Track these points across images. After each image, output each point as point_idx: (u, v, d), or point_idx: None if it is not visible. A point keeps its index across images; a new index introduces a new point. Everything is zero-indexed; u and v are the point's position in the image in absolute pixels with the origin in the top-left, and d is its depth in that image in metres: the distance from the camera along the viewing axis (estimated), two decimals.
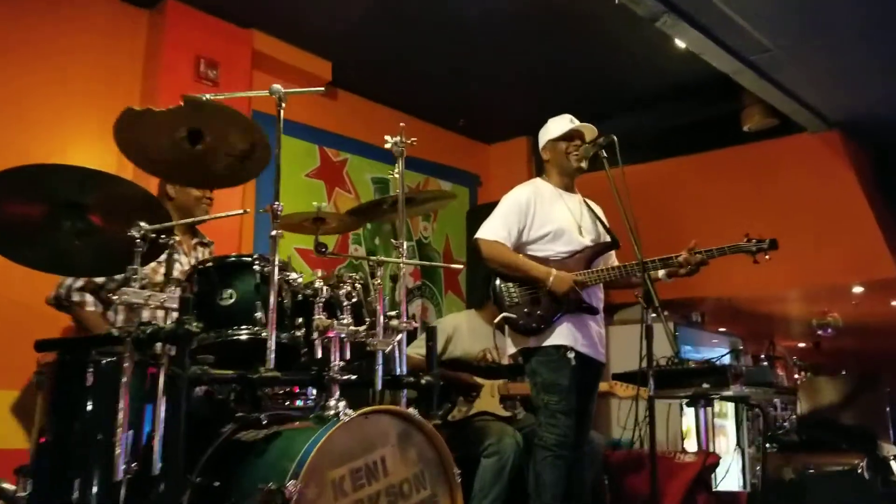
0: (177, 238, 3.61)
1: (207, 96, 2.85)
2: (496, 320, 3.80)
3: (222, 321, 2.78)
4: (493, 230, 3.79)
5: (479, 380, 4.45)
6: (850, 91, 4.89)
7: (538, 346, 3.66)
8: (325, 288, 2.88)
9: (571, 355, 3.63)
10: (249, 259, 2.91)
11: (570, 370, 3.59)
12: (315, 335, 2.79)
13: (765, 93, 4.81)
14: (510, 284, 3.77)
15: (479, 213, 6.54)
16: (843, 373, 7.24)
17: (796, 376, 10.65)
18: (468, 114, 6.53)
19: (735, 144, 5.78)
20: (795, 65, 4.41)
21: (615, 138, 3.70)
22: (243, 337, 2.75)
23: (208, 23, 4.90)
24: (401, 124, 3.21)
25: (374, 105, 6.13)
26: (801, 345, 10.94)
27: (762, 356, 9.74)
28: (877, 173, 5.79)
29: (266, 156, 2.99)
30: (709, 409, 5.13)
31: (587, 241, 3.83)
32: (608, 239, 3.90)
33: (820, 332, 8.38)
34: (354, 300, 2.94)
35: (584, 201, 4.00)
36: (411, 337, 4.14)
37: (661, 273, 3.68)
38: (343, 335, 2.80)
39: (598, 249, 3.84)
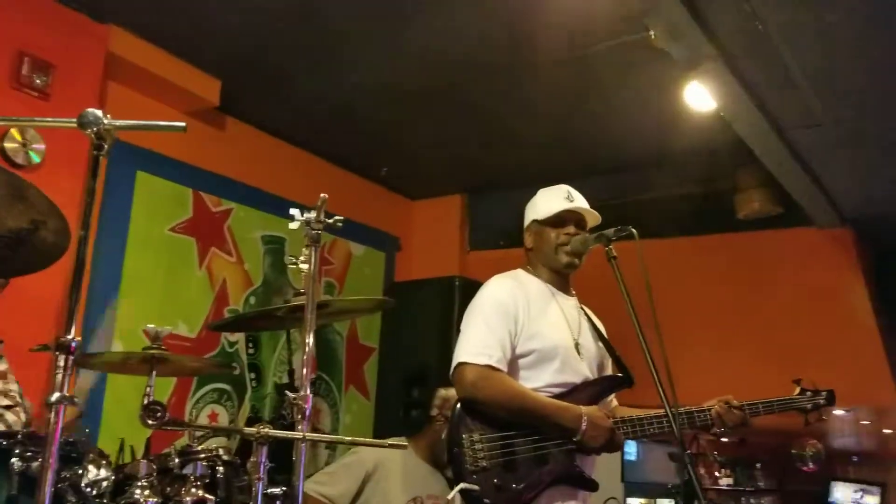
0: None
1: None
2: (450, 495, 2.46)
3: None
4: (482, 349, 2.49)
5: None
6: (879, 185, 3.92)
7: None
8: (146, 501, 1.50)
9: None
10: (2, 443, 1.49)
11: None
12: None
13: (786, 177, 3.79)
14: (476, 437, 2.46)
15: (398, 291, 5.28)
16: None
17: (717, 474, 9.82)
18: (390, 161, 5.23)
19: (722, 231, 4.75)
20: (839, 147, 3.43)
21: (634, 231, 2.51)
22: None
23: (43, 6, 3.43)
24: (322, 196, 1.88)
25: (272, 141, 4.78)
26: (724, 439, 10.05)
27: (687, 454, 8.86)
28: (877, 278, 4.87)
29: (62, 240, 1.60)
30: None
31: (586, 369, 2.62)
32: (617, 370, 2.74)
33: (801, 466, 7.42)
34: None
35: (582, 309, 2.78)
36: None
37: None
38: None
39: (604, 386, 2.66)
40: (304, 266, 2.40)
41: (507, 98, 4.31)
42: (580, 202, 2.75)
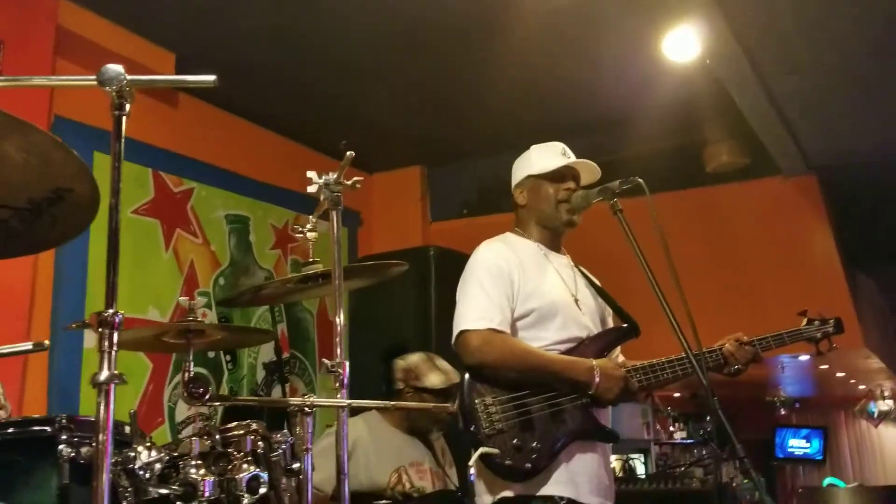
0: None
1: None
2: (471, 461, 2.40)
3: None
4: (482, 314, 2.46)
5: None
6: (848, 131, 4.00)
7: (525, 495, 2.39)
8: (203, 480, 1.42)
9: None
10: (46, 430, 1.38)
11: None
12: None
13: (761, 125, 3.81)
14: (489, 400, 2.43)
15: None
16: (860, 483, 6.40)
17: (671, 428, 10.08)
18: (347, 134, 5.10)
19: (691, 185, 4.78)
20: (817, 93, 3.45)
21: (641, 181, 2.48)
22: None
23: None
24: (348, 154, 1.78)
25: (229, 117, 4.62)
26: (677, 394, 10.31)
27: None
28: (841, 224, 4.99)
29: (88, 209, 1.49)
30: None
31: (589, 322, 2.61)
32: (620, 322, 2.71)
33: (776, 413, 7.67)
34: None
35: (576, 267, 2.75)
36: None
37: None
38: None
39: (611, 338, 2.65)
40: (312, 234, 2.31)
41: (466, 62, 4.22)
42: (574, 157, 2.72)
